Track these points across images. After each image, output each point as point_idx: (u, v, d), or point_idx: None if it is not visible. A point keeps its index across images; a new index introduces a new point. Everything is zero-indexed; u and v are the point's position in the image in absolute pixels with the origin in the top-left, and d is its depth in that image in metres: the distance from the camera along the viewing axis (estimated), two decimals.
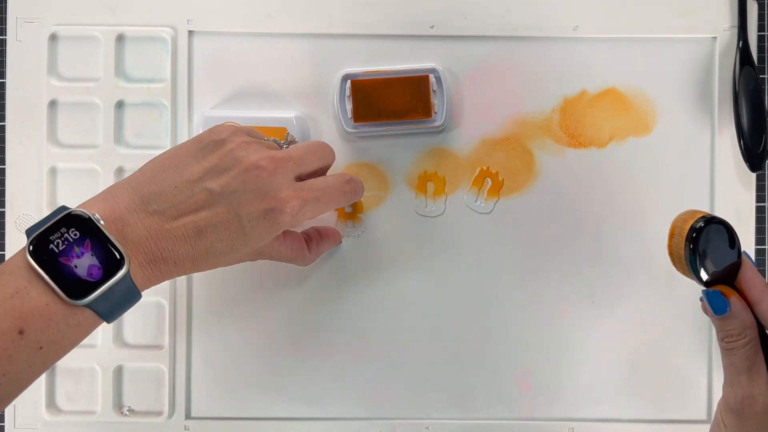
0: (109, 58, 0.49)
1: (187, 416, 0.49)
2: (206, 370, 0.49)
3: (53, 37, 0.49)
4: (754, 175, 0.49)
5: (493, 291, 0.49)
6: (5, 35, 0.49)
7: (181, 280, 0.49)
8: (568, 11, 0.49)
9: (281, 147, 0.42)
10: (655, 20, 0.49)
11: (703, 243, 0.37)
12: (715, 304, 0.37)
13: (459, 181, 0.49)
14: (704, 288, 0.38)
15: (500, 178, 0.49)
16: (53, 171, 0.49)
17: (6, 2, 0.49)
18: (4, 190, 0.49)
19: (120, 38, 0.49)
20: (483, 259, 0.49)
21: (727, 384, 0.37)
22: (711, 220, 0.37)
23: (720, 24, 0.49)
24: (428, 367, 0.49)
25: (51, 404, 0.49)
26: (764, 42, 0.50)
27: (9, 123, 0.49)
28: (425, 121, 0.48)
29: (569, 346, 0.49)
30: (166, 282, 0.48)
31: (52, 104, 0.49)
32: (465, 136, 0.49)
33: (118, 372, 0.49)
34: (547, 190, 0.50)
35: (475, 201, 0.49)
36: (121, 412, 0.49)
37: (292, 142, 0.46)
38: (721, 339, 0.37)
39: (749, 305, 0.37)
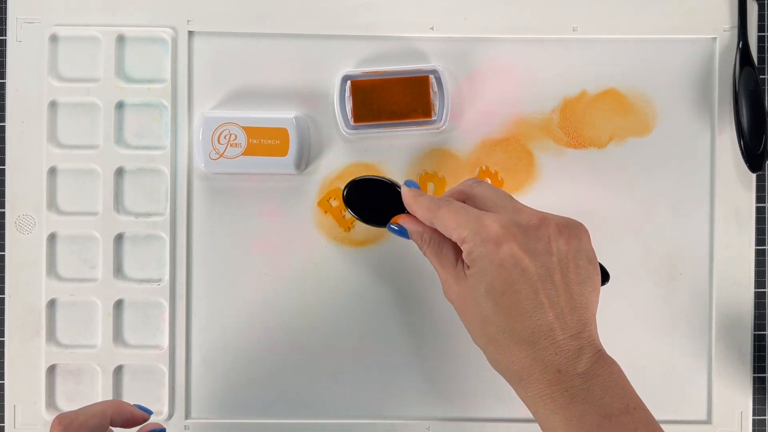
0: (109, 59, 0.49)
1: (187, 416, 0.49)
2: (206, 371, 0.49)
3: (53, 38, 0.49)
4: (754, 175, 0.49)
5: None
6: (5, 36, 0.49)
7: (181, 279, 0.49)
8: (567, 11, 0.49)
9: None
10: (655, 20, 0.49)
11: (358, 201, 0.44)
12: (396, 233, 0.43)
13: (459, 181, 0.49)
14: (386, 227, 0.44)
15: (500, 178, 0.49)
16: (53, 171, 0.49)
17: (6, 2, 0.49)
18: (4, 190, 0.49)
19: (120, 38, 0.49)
20: None
21: (441, 282, 0.42)
22: (355, 183, 0.45)
23: (720, 24, 0.49)
24: (428, 367, 0.49)
25: (51, 404, 0.49)
26: (764, 42, 0.50)
27: (9, 123, 0.49)
28: (425, 121, 0.48)
29: None
30: (166, 282, 0.49)
31: (52, 104, 0.49)
32: (465, 136, 0.50)
33: (118, 372, 0.49)
34: (547, 190, 0.50)
35: None
36: None
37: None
38: (422, 253, 0.43)
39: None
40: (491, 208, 0.40)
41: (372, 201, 0.44)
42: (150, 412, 0.42)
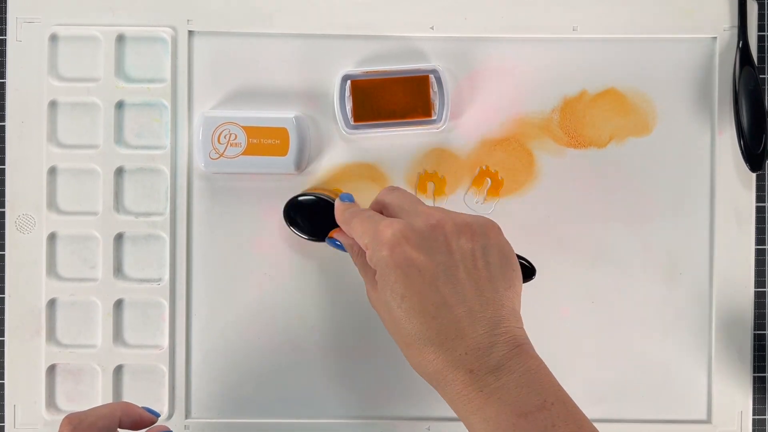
0: (109, 58, 0.49)
1: (187, 416, 0.49)
2: (206, 370, 0.49)
3: (53, 38, 0.49)
4: (754, 175, 0.49)
5: None
6: (5, 35, 0.49)
7: (181, 279, 0.49)
8: (567, 11, 0.49)
9: None
10: (655, 20, 0.49)
11: (296, 216, 0.47)
12: (334, 246, 0.46)
13: (459, 181, 0.49)
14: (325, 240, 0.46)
15: (500, 178, 0.49)
16: (53, 171, 0.49)
17: (6, 2, 0.49)
18: (4, 190, 0.49)
19: (120, 38, 0.49)
20: None
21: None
22: (292, 203, 0.47)
23: (720, 24, 0.49)
24: None
25: (51, 404, 0.49)
26: (764, 42, 0.50)
27: (9, 123, 0.49)
28: (425, 121, 0.48)
29: (569, 346, 0.49)
30: (166, 281, 0.49)
31: (52, 104, 0.49)
32: (465, 136, 0.50)
33: (118, 372, 0.49)
34: (547, 190, 0.50)
35: (475, 201, 0.49)
36: None
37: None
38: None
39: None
40: (398, 213, 0.40)
41: (312, 217, 0.46)
42: (158, 415, 0.42)
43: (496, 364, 0.35)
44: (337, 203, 0.45)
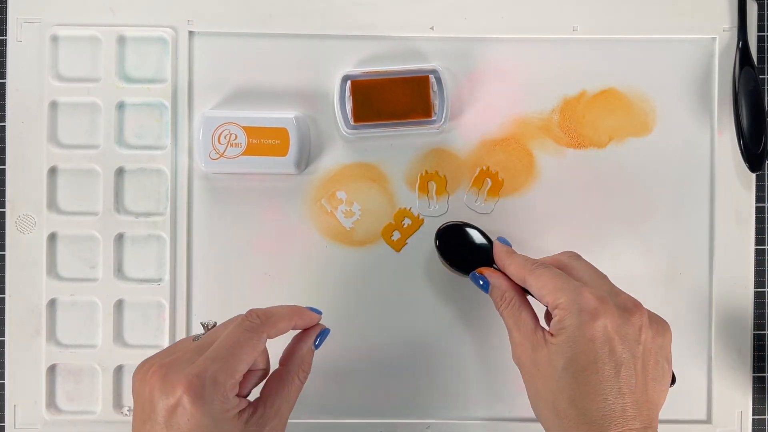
0: (109, 59, 0.49)
1: None
2: None
3: (54, 38, 0.49)
4: (753, 175, 0.49)
5: None
6: (6, 36, 0.49)
7: (181, 279, 0.49)
8: (567, 12, 0.49)
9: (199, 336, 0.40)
10: (655, 20, 0.49)
11: (450, 244, 0.45)
12: (477, 284, 0.44)
13: (459, 181, 0.50)
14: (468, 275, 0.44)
15: (500, 178, 0.49)
16: (53, 171, 0.49)
17: (6, 3, 0.49)
18: (4, 190, 0.49)
19: (120, 39, 0.49)
20: None
21: (511, 343, 0.41)
22: (451, 226, 0.46)
23: (720, 24, 0.49)
24: (428, 367, 0.50)
25: (51, 404, 0.49)
26: (764, 42, 0.50)
27: (9, 123, 0.49)
28: (425, 121, 0.48)
29: None
30: (166, 282, 0.49)
31: (53, 104, 0.49)
32: (465, 136, 0.50)
33: (118, 372, 0.49)
34: (547, 190, 0.50)
35: (475, 201, 0.49)
36: (121, 412, 0.49)
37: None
38: (496, 308, 0.42)
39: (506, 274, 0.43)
40: (587, 283, 0.40)
41: (460, 247, 0.46)
42: (320, 313, 0.42)
43: None
44: (499, 244, 0.44)
